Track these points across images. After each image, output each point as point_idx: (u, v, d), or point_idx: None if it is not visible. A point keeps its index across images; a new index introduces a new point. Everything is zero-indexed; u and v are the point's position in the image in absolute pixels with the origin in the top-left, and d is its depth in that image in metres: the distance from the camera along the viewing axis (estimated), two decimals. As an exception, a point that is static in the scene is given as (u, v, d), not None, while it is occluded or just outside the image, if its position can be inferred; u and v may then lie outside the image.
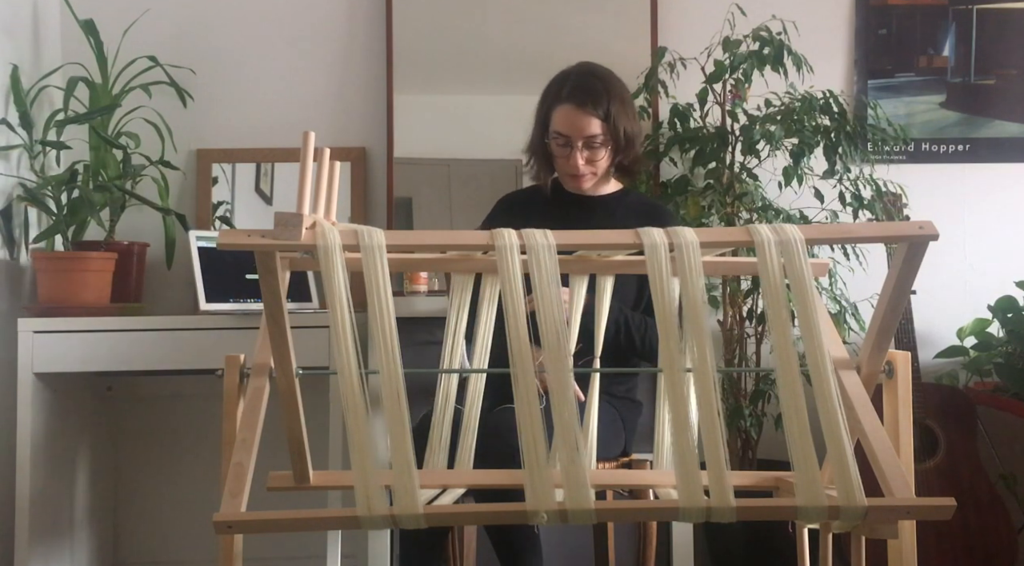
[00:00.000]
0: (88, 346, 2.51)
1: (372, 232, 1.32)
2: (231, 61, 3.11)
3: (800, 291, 1.34)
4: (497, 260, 1.33)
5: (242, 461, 1.42)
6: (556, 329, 1.31)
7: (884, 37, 3.16)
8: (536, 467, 1.28)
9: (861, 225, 1.57)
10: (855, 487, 1.29)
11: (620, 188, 2.41)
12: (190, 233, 2.78)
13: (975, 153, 3.15)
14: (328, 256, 1.29)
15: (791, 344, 1.33)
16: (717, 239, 1.46)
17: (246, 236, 1.27)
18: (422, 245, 1.53)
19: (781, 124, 2.74)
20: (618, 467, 2.29)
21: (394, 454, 1.28)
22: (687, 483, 1.30)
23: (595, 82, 2.27)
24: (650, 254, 1.35)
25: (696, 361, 1.32)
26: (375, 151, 3.11)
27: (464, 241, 1.50)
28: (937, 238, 1.35)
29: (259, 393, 1.50)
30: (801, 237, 1.36)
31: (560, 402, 1.29)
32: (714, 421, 1.31)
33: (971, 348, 2.99)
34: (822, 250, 2.78)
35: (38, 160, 2.75)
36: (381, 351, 1.29)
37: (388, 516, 1.28)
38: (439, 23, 3.09)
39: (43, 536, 2.58)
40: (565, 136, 2.25)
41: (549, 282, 1.32)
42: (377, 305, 1.29)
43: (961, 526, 2.70)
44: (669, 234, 1.37)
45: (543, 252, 1.34)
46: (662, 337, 1.33)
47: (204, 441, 3.02)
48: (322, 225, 1.32)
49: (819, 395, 1.32)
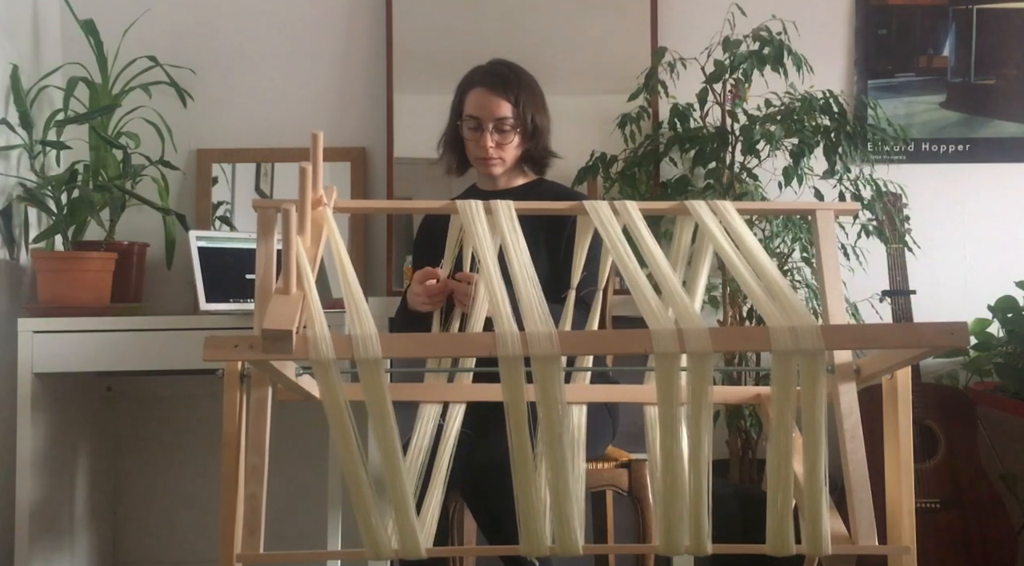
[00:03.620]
0: (88, 346, 2.51)
1: (367, 342, 1.23)
2: (231, 61, 3.11)
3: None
4: (500, 365, 1.27)
5: (255, 493, 1.42)
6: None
7: (884, 37, 3.16)
8: (530, 517, 1.32)
9: (887, 329, 1.53)
10: (823, 537, 1.35)
11: (533, 179, 2.46)
12: (190, 233, 2.78)
13: (975, 153, 3.15)
14: (324, 369, 1.24)
15: (790, 438, 1.31)
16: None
17: (233, 348, 1.22)
18: (421, 354, 1.43)
19: (781, 124, 2.74)
20: (617, 467, 2.29)
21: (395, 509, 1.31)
22: (670, 528, 1.34)
23: (506, 70, 2.38)
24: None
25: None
26: (375, 151, 3.11)
27: (465, 347, 1.40)
28: (967, 347, 1.32)
29: (262, 407, 1.49)
30: (822, 339, 1.27)
31: (552, 454, 1.30)
32: (701, 473, 1.32)
33: (971, 348, 2.99)
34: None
35: (38, 160, 2.75)
36: (383, 454, 1.28)
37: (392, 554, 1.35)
38: (439, 23, 3.09)
39: (43, 536, 2.58)
40: (476, 118, 2.34)
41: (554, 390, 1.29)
42: (378, 413, 1.26)
43: (961, 526, 2.70)
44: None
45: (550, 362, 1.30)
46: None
47: (204, 441, 3.02)
48: (314, 334, 1.24)
49: (807, 470, 1.33)
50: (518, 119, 2.34)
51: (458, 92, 2.40)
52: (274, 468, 1.60)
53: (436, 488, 1.58)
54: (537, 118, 2.37)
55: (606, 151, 2.90)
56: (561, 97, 3.04)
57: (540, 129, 2.38)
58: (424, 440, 1.64)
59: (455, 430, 1.70)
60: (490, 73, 2.37)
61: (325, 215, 1.56)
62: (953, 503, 2.72)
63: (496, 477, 1.96)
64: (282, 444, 1.47)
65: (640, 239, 1.56)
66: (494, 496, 1.99)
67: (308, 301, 1.30)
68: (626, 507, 2.39)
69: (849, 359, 1.55)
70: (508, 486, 1.35)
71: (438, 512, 1.51)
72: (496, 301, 1.34)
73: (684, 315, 1.32)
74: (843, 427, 1.49)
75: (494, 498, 1.99)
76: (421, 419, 1.68)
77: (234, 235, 2.92)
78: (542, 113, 2.39)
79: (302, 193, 1.43)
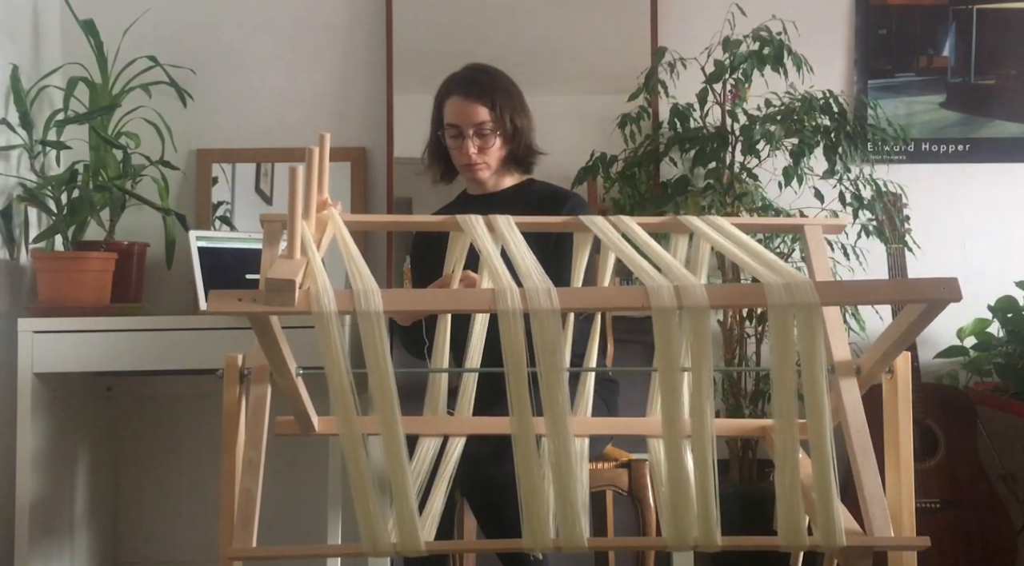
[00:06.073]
0: (88, 346, 2.51)
1: (369, 296, 1.25)
2: (231, 61, 3.11)
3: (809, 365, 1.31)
4: (500, 320, 1.27)
5: (250, 487, 1.41)
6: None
7: (884, 37, 3.16)
8: (534, 512, 1.30)
9: (878, 284, 1.54)
10: (837, 530, 1.32)
11: (522, 180, 2.46)
12: (190, 233, 2.78)
13: (975, 153, 3.15)
14: (324, 323, 1.24)
15: (793, 401, 1.30)
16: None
17: (237, 301, 1.22)
18: (421, 307, 1.44)
19: (781, 124, 2.74)
20: (616, 467, 2.29)
21: (397, 505, 1.30)
22: (676, 521, 1.32)
23: (481, 75, 2.39)
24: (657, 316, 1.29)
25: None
26: (375, 151, 3.11)
27: (464, 301, 1.41)
28: (960, 299, 1.31)
29: (261, 403, 1.49)
30: (816, 293, 1.28)
31: (558, 453, 1.29)
32: (705, 445, 1.31)
33: (971, 348, 2.99)
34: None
35: (38, 160, 2.75)
36: (381, 413, 1.27)
37: (391, 549, 1.33)
38: (439, 23, 3.09)
39: (43, 536, 2.58)
40: (456, 126, 2.35)
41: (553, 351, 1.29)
42: (376, 369, 1.26)
43: (961, 526, 2.70)
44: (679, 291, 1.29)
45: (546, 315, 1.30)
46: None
47: (204, 441, 3.02)
48: (316, 288, 1.26)
49: (814, 445, 1.32)
50: (497, 122, 2.34)
51: (436, 102, 2.41)
52: (275, 468, 1.60)
53: (441, 482, 1.58)
54: (516, 119, 2.36)
55: (606, 151, 2.90)
56: (561, 97, 3.05)
57: (520, 129, 2.38)
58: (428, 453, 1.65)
59: (458, 447, 1.70)
60: (464, 80, 2.37)
61: (332, 215, 1.56)
62: (953, 503, 2.72)
63: (495, 464, 1.96)
64: (282, 444, 1.47)
65: (636, 238, 1.57)
66: (493, 486, 1.97)
67: (312, 266, 1.30)
68: (626, 507, 2.39)
69: (848, 358, 1.55)
70: (508, 473, 1.34)
71: (441, 507, 1.51)
72: (494, 270, 1.35)
73: (683, 280, 1.32)
74: (847, 421, 1.47)
75: (493, 488, 1.97)
76: (421, 448, 1.67)
77: (234, 235, 2.92)
78: (520, 113, 2.39)
79: (305, 192, 1.43)
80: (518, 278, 1.35)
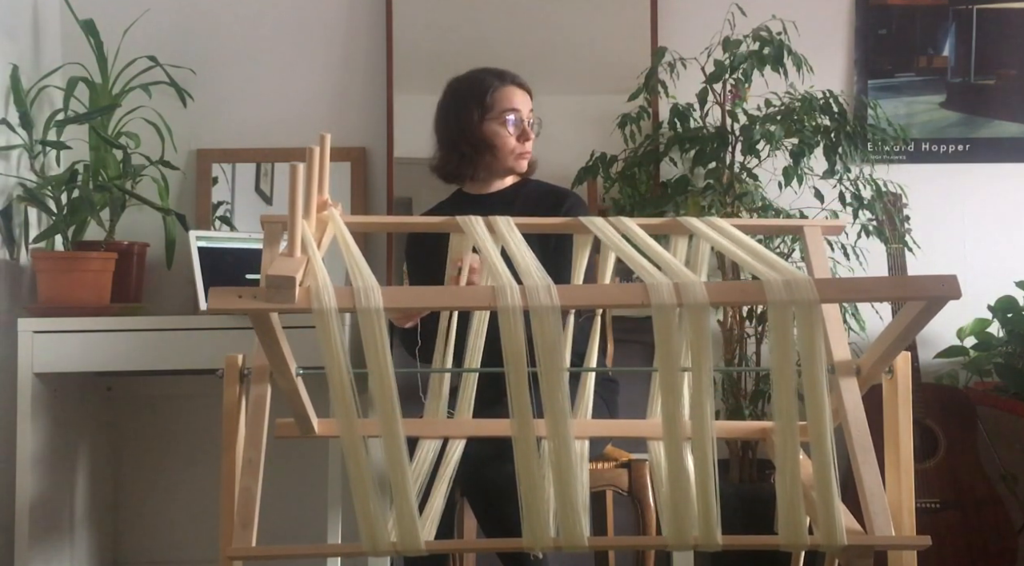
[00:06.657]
0: (88, 346, 2.51)
1: (369, 293, 1.25)
2: (231, 61, 3.11)
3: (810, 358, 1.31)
4: (500, 318, 1.27)
5: (250, 486, 1.41)
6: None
7: (884, 37, 3.16)
8: (535, 511, 1.30)
9: (878, 281, 1.55)
10: (838, 529, 1.32)
11: (519, 179, 2.47)
12: (190, 233, 2.78)
13: (975, 153, 3.15)
14: (324, 320, 1.24)
15: (793, 399, 1.30)
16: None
17: (237, 298, 1.22)
18: (421, 305, 1.45)
19: (781, 124, 2.74)
20: (616, 467, 2.29)
21: (396, 504, 1.31)
22: (677, 520, 1.32)
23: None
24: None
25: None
26: (375, 151, 3.11)
27: (465, 298, 1.42)
28: (959, 296, 1.30)
29: (261, 403, 1.49)
30: (815, 290, 1.28)
31: (559, 454, 1.29)
32: (705, 442, 1.31)
33: (971, 348, 2.99)
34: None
35: (38, 160, 2.75)
36: (382, 411, 1.27)
37: (391, 548, 1.33)
38: (439, 23, 3.09)
39: (43, 536, 2.58)
40: (519, 110, 2.36)
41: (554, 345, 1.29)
42: (376, 367, 1.26)
43: (961, 526, 2.70)
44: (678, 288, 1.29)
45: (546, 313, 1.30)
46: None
47: (204, 441, 3.02)
48: (316, 285, 1.26)
49: (814, 445, 1.32)
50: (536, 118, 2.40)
51: (477, 92, 2.37)
52: (275, 468, 1.60)
53: (441, 482, 1.58)
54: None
55: (606, 151, 2.90)
56: (561, 97, 3.05)
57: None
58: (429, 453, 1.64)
59: (459, 448, 1.70)
60: (511, 74, 2.40)
61: (332, 215, 1.56)
62: (953, 503, 2.72)
63: (496, 464, 1.96)
64: (282, 444, 1.47)
65: (636, 238, 1.57)
66: (494, 486, 1.97)
67: (312, 264, 1.30)
68: (626, 507, 2.39)
69: (848, 357, 1.55)
70: (508, 472, 1.34)
71: (441, 507, 1.51)
72: (495, 269, 1.35)
73: (682, 277, 1.33)
74: (848, 420, 1.47)
75: (494, 488, 1.97)
76: (421, 449, 1.67)
77: (234, 235, 2.92)
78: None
79: (305, 190, 1.43)
80: (519, 277, 1.35)
